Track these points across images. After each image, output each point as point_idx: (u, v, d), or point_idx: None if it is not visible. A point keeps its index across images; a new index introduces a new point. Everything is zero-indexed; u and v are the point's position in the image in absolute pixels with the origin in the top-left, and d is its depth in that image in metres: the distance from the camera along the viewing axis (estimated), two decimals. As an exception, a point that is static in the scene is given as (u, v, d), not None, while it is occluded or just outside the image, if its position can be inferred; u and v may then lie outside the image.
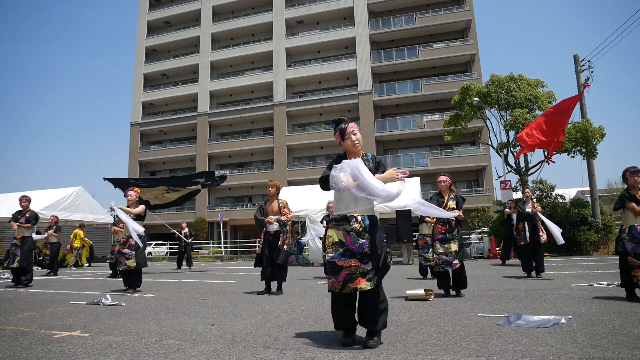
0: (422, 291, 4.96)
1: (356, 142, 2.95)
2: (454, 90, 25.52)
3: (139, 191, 6.91)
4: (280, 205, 6.18)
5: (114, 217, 10.79)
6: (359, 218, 2.87)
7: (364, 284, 2.73)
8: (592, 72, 16.78)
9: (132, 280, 6.44)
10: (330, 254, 2.85)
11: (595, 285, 5.87)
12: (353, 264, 2.78)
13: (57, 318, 4.14)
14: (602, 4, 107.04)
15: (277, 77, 34.98)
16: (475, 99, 17.18)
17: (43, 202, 15.46)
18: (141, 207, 6.64)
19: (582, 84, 16.76)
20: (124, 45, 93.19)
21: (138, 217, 6.57)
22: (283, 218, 6.11)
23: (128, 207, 6.58)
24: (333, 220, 2.96)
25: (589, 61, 16.97)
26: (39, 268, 14.79)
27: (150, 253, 27.61)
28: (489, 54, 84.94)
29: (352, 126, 2.97)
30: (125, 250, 6.34)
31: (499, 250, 13.84)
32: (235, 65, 37.81)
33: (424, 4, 33.62)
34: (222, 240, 23.37)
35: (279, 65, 35.02)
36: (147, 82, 39.60)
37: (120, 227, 7.17)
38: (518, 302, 4.57)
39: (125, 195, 6.84)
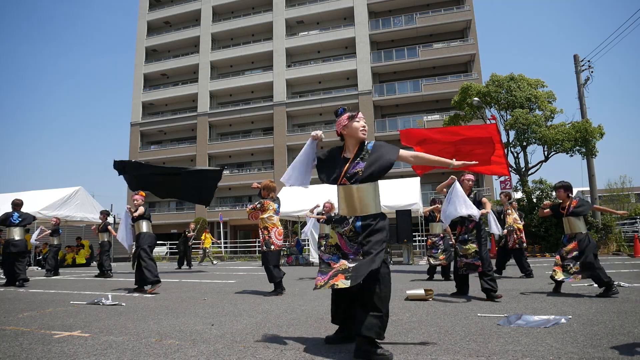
0: (422, 291, 4.96)
1: (365, 128, 2.88)
2: (454, 90, 25.51)
3: (144, 195, 7.03)
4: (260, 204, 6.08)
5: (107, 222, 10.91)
6: (350, 220, 2.73)
7: (341, 282, 2.54)
8: (592, 72, 16.80)
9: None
10: (327, 255, 2.77)
11: (595, 285, 5.87)
12: (342, 266, 2.63)
13: (57, 318, 4.14)
14: (602, 4, 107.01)
15: (277, 77, 34.98)
16: (475, 99, 17.17)
17: (43, 202, 15.44)
18: (141, 209, 6.78)
19: (581, 83, 16.77)
20: (124, 45, 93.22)
21: (141, 217, 6.71)
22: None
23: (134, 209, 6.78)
24: (334, 220, 2.88)
25: (589, 61, 16.99)
26: (39, 268, 14.81)
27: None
28: (489, 54, 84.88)
29: (361, 115, 2.95)
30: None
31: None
32: (235, 65, 37.81)
33: (424, 4, 33.61)
34: (222, 240, 23.35)
35: (279, 65, 35.01)
36: (147, 82, 39.59)
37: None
38: (518, 302, 4.57)
39: (132, 199, 6.93)
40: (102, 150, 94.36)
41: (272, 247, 5.94)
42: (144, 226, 6.76)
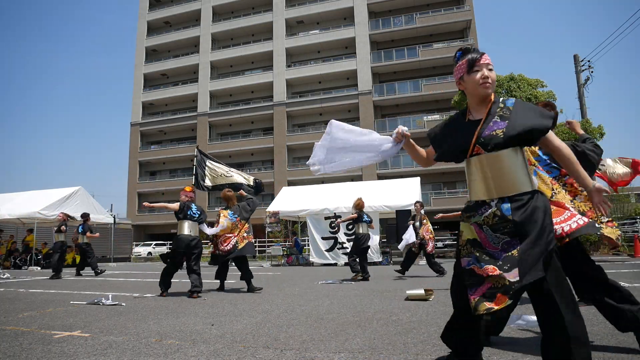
0: (422, 291, 4.96)
1: (487, 80, 2.06)
2: (454, 90, 25.52)
3: (189, 189, 6.47)
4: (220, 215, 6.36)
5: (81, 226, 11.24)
6: (492, 203, 1.89)
7: (505, 304, 1.78)
8: (592, 72, 16.81)
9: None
10: (465, 259, 1.94)
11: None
12: (492, 273, 1.80)
13: (57, 318, 4.14)
14: (602, 4, 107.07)
15: (277, 77, 34.98)
16: (475, 99, 17.18)
17: (43, 202, 15.44)
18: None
19: (581, 83, 16.78)
20: (124, 45, 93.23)
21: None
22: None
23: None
24: (464, 210, 2.06)
25: (589, 61, 17.00)
26: (38, 268, 14.80)
27: (150, 253, 27.62)
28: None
29: (486, 58, 2.10)
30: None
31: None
32: (235, 65, 37.82)
33: (424, 4, 33.62)
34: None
35: (279, 65, 35.02)
36: (147, 82, 39.61)
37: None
38: (518, 302, 4.57)
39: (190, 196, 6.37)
40: (102, 150, 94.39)
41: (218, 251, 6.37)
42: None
